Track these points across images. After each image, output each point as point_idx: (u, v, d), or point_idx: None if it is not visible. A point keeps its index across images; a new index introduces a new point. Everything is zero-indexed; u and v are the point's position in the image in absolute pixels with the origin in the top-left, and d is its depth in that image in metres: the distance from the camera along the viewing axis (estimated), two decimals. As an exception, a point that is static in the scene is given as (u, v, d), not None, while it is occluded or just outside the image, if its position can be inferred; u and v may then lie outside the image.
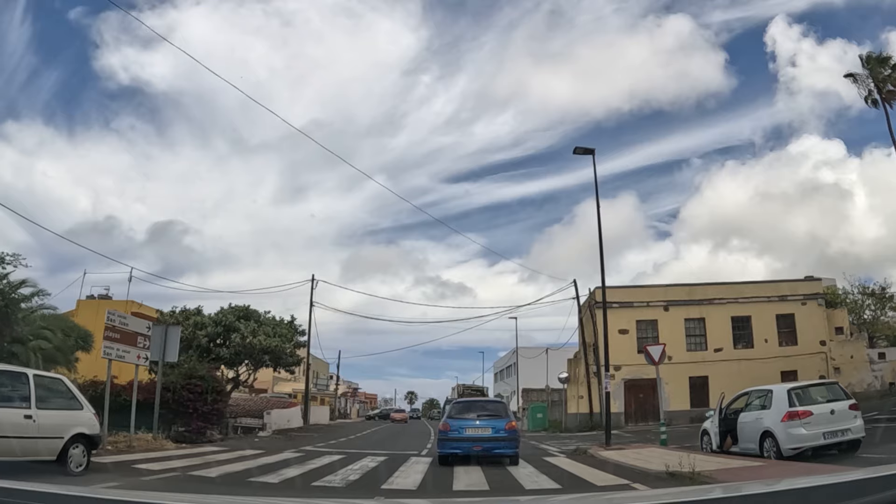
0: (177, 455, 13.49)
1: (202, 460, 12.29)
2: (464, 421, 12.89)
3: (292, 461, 12.67)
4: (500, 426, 12.79)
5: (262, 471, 10.67)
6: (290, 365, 27.19)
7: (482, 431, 12.65)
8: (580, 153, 18.83)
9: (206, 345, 25.55)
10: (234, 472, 10.50)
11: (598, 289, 33.43)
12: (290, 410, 30.67)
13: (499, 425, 12.80)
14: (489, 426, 12.76)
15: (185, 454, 13.99)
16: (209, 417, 21.85)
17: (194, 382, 21.84)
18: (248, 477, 9.76)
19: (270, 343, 24.54)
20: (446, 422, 13.08)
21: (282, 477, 9.87)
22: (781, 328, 33.75)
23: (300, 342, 27.84)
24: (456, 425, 12.74)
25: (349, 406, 71.17)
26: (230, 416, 28.15)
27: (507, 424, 12.96)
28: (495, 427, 12.75)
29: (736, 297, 33.69)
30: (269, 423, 27.71)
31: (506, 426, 12.87)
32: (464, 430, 12.61)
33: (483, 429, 12.71)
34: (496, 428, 12.74)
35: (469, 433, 12.56)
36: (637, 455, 13.53)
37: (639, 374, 31.09)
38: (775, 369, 32.34)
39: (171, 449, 15.53)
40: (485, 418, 13.04)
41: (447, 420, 13.19)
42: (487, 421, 12.93)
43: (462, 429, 12.64)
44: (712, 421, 14.10)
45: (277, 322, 26.71)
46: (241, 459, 13.04)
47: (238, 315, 26.67)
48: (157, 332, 16.89)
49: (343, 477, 10.21)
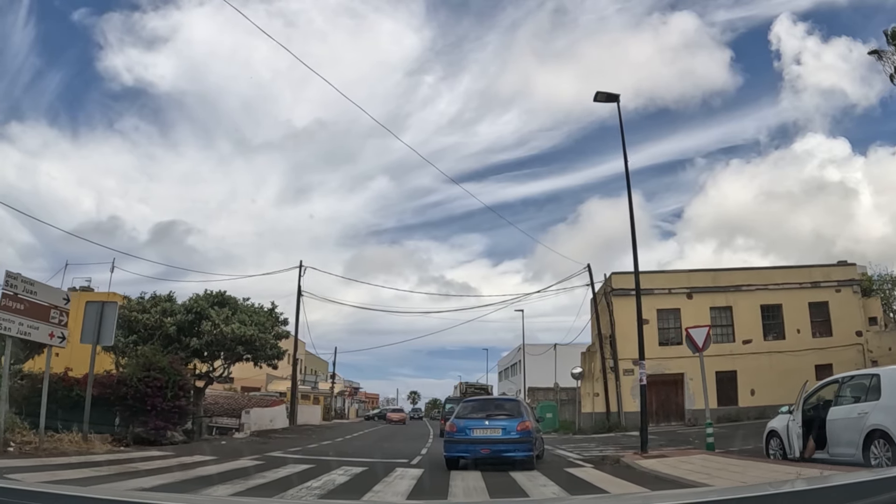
0: (91, 462, 10.55)
1: (118, 469, 9.47)
2: (471, 421, 11.96)
3: (238, 473, 9.71)
4: (511, 427, 11.56)
5: (187, 486, 7.70)
6: (270, 358, 24.12)
7: (491, 433, 11.53)
8: (602, 100, 15.81)
9: (175, 334, 22.54)
10: (138, 487, 7.45)
11: (615, 274, 30.41)
12: (274, 409, 27.70)
13: (510, 426, 11.59)
14: (499, 427, 11.60)
15: (108, 460, 11.08)
16: (170, 416, 18.89)
17: (153, 375, 18.90)
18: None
19: (245, 332, 21.49)
20: (453, 422, 12.22)
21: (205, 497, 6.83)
22: (815, 317, 30.73)
23: (283, 333, 24.77)
24: (463, 426, 11.84)
25: (347, 406, 68.15)
26: (205, 416, 25.25)
27: (520, 425, 11.65)
28: (506, 428, 11.55)
29: (765, 283, 30.62)
30: (247, 424, 24.74)
31: (518, 427, 11.59)
32: (471, 431, 11.69)
33: (492, 430, 11.55)
34: (507, 429, 11.55)
35: (477, 434, 11.60)
36: (689, 465, 10.49)
37: (660, 368, 28.03)
38: (809, 363, 29.44)
39: (98, 452, 12.73)
40: (495, 418, 11.92)
41: (454, 420, 12.30)
42: (497, 421, 11.78)
43: (469, 430, 11.71)
44: (792, 419, 10.84)
45: (255, 309, 23.69)
46: (175, 469, 10.07)
47: (212, 301, 23.66)
48: (92, 310, 13.97)
49: (294, 498, 7.25)
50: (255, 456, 13.23)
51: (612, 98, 15.71)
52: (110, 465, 10.33)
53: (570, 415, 32.45)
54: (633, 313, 29.57)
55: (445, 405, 32.16)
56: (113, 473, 8.95)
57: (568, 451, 16.64)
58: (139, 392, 18.59)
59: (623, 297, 28.87)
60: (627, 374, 27.77)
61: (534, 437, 11.95)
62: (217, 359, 24.02)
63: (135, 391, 18.59)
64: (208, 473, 9.49)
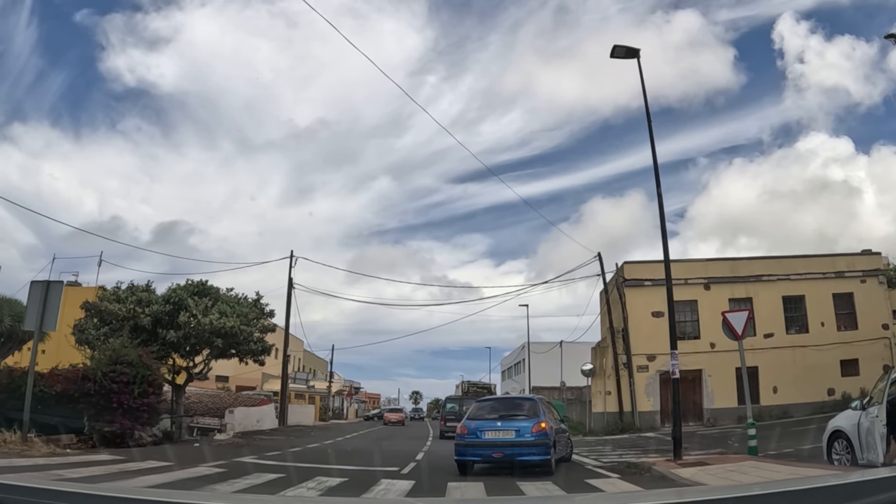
0: (9, 466, 8.65)
1: (34, 476, 7.42)
2: (483, 422, 11.26)
3: (183, 485, 7.82)
4: (526, 428, 10.76)
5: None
6: (256, 354, 22.19)
7: (504, 435, 10.85)
8: (620, 56, 13.88)
9: (151, 326, 20.65)
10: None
11: (627, 264, 28.45)
12: (261, 409, 25.81)
13: (525, 427, 10.79)
14: (513, 428, 10.88)
15: (33, 465, 9.29)
16: (138, 415, 17.03)
17: (120, 370, 17.06)
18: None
19: (225, 324, 19.56)
20: (464, 424, 11.53)
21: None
22: (839, 309, 28.78)
23: (269, 326, 22.83)
24: (474, 427, 11.14)
25: (346, 406, 66.27)
26: (187, 415, 23.38)
27: (536, 426, 10.77)
28: (520, 429, 10.78)
29: (787, 273, 28.65)
30: (231, 424, 22.87)
31: (533, 428, 10.72)
32: (483, 433, 10.99)
33: (505, 431, 10.86)
34: (521, 430, 10.76)
35: (489, 437, 10.92)
36: (743, 476, 8.56)
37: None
38: (834, 358, 27.66)
39: (32, 455, 11.17)
40: (508, 419, 11.21)
41: (465, 422, 11.62)
42: (511, 422, 11.07)
43: (481, 432, 11.02)
44: (871, 415, 8.60)
45: (238, 300, 21.77)
46: (102, 479, 8.14)
47: (192, 291, 21.77)
48: (36, 291, 12.13)
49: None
50: (218, 462, 11.32)
51: (632, 53, 13.76)
52: (30, 470, 8.47)
53: (577, 415, 30.54)
54: (647, 305, 27.88)
55: (446, 404, 30.22)
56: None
57: (584, 457, 14.71)
58: (104, 388, 16.79)
59: (636, 287, 26.96)
60: (642, 370, 25.83)
61: (552, 439, 10.87)
62: (198, 353, 22.15)
63: (100, 387, 16.80)
64: (144, 485, 7.59)
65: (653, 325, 26.38)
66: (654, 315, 26.53)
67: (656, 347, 26.16)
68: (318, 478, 9.09)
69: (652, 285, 26.94)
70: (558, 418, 13.82)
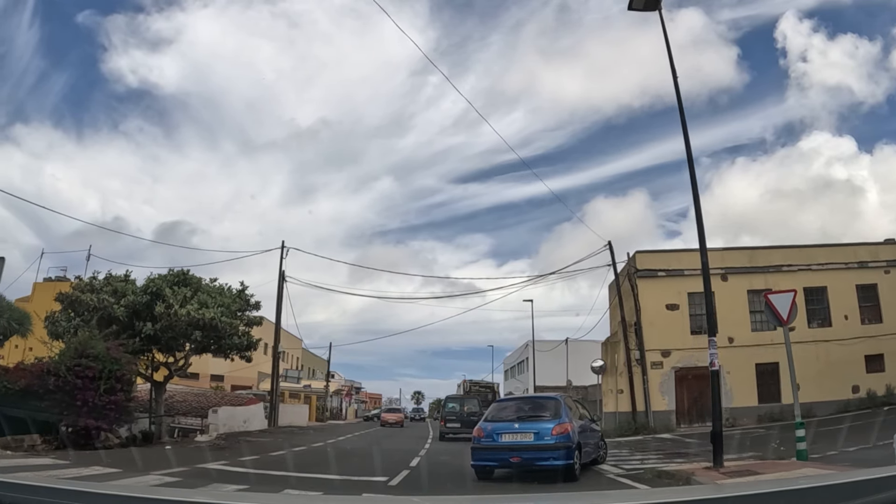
0: None
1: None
2: (500, 424, 10.54)
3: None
4: (545, 430, 9.97)
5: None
6: (241, 349, 20.54)
7: (522, 438, 10.10)
8: (637, 8, 12.23)
9: (126, 318, 19.05)
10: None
11: (640, 253, 26.73)
12: (249, 409, 24.16)
13: (544, 429, 10.00)
14: (531, 430, 10.12)
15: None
16: (105, 413, 15.48)
17: (85, 364, 15.51)
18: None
19: (205, 315, 17.91)
20: (481, 426, 10.82)
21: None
22: (863, 302, 27.09)
23: (254, 319, 21.18)
24: (491, 430, 10.43)
25: (345, 406, 64.62)
26: (167, 415, 21.79)
27: (557, 428, 9.96)
28: (539, 432, 10.01)
29: (808, 263, 26.91)
30: (214, 425, 21.24)
31: (553, 430, 9.92)
32: (499, 436, 10.27)
33: (523, 434, 10.09)
34: (541, 433, 9.98)
35: (505, 440, 10.19)
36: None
37: (693, 360, 24.40)
38: (858, 353, 26.01)
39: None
40: (527, 420, 10.49)
41: (482, 424, 10.91)
42: (529, 424, 10.34)
43: (497, 434, 10.29)
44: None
45: (220, 290, 20.12)
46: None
47: (172, 281, 20.16)
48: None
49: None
50: (178, 469, 9.70)
51: (652, 4, 12.10)
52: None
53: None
54: (661, 298, 26.15)
55: (446, 404, 28.43)
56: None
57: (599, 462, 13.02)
58: (68, 383, 15.26)
59: (649, 279, 25.28)
60: (656, 367, 24.14)
61: (575, 442, 9.95)
62: (180, 348, 20.54)
63: (63, 382, 15.27)
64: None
65: (667, 319, 24.74)
66: (668, 308, 24.89)
67: (671, 342, 24.52)
68: (287, 491, 7.47)
69: (666, 276, 25.33)
70: (589, 417, 12.71)
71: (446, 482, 9.54)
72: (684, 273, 25.43)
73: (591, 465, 11.43)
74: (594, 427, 12.58)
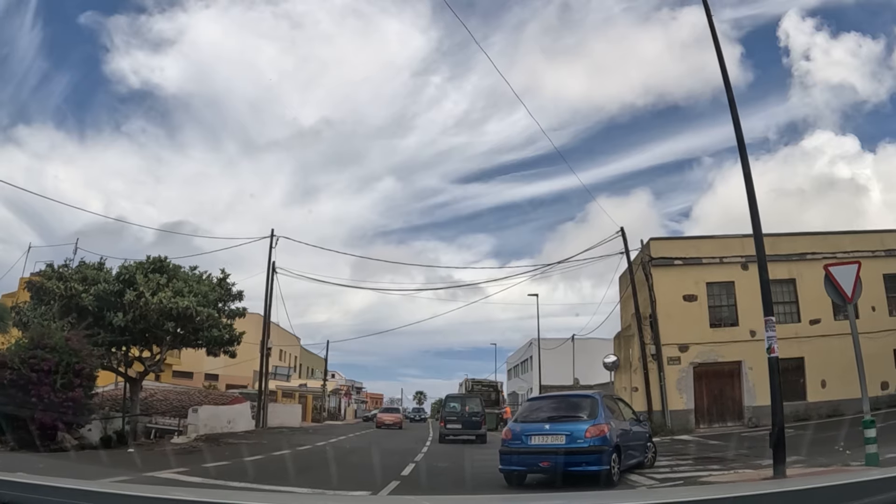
0: None
1: None
2: (530, 425, 9.86)
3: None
4: (578, 432, 9.14)
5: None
6: (222, 344, 18.83)
7: (553, 440, 9.28)
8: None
9: (96, 309, 17.37)
10: None
11: (654, 241, 24.94)
12: (234, 408, 22.44)
13: (578, 430, 9.17)
14: (563, 433, 9.28)
15: None
16: (63, 411, 13.79)
17: (41, 356, 13.86)
18: None
19: (179, 304, 16.21)
20: (509, 427, 10.21)
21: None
22: (890, 292, 25.44)
23: (237, 311, 19.46)
24: (519, 431, 9.74)
25: (343, 406, 62.91)
26: (144, 414, 20.11)
27: (591, 429, 9.14)
28: (572, 434, 9.17)
29: (833, 251, 25.08)
30: (194, 425, 19.52)
31: (588, 432, 9.11)
32: (529, 438, 9.55)
33: (554, 436, 9.32)
34: (573, 435, 9.14)
35: (535, 443, 9.45)
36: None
37: (712, 355, 22.70)
38: (887, 346, 24.34)
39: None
40: (559, 421, 9.70)
41: (511, 425, 10.37)
42: (561, 425, 9.53)
43: (526, 437, 9.58)
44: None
45: (197, 277, 18.42)
46: None
47: (147, 269, 18.48)
48: None
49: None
50: (122, 478, 8.01)
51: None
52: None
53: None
54: (677, 288, 24.32)
55: (447, 403, 26.53)
56: None
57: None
58: (23, 377, 13.61)
59: (664, 267, 23.52)
60: (673, 362, 22.38)
61: (613, 444, 9.08)
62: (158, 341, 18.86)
63: (17, 375, 13.62)
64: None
65: (684, 311, 22.99)
66: (685, 299, 23.13)
67: (689, 336, 22.76)
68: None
69: (683, 265, 23.57)
70: (634, 416, 11.75)
71: (443, 493, 7.89)
72: (702, 261, 23.72)
73: (636, 468, 10.46)
74: (640, 427, 11.49)
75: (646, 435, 11.80)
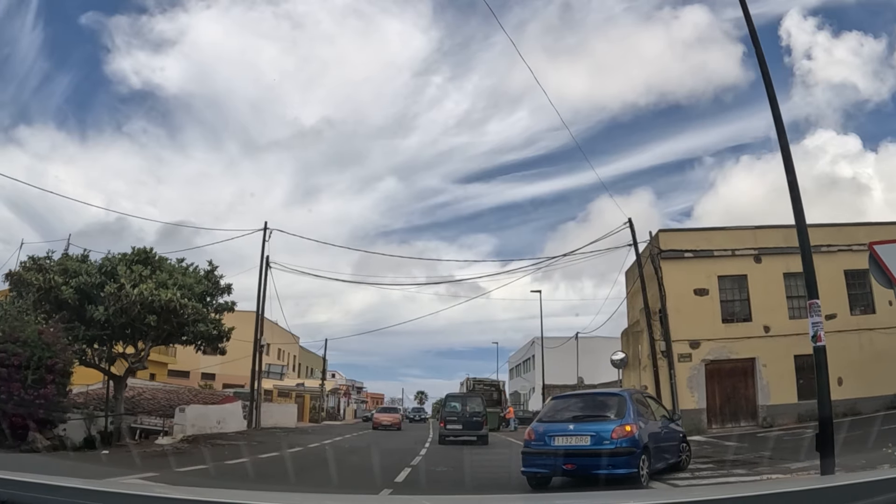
0: None
1: None
2: (553, 425, 9.27)
3: None
4: (604, 433, 8.55)
5: None
6: (210, 339, 17.87)
7: (577, 441, 8.69)
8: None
9: (76, 302, 16.43)
10: None
11: (663, 232, 23.95)
12: (224, 408, 21.46)
13: (603, 431, 8.58)
14: (587, 433, 8.69)
15: None
16: (34, 409, 12.84)
17: (12, 350, 12.91)
18: None
19: (161, 297, 15.25)
20: (532, 427, 9.59)
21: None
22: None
23: (225, 305, 18.49)
24: (543, 432, 9.15)
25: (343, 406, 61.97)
26: (129, 413, 19.16)
27: (618, 430, 8.54)
28: (597, 434, 8.58)
29: (849, 243, 24.11)
30: (181, 425, 18.56)
31: (614, 432, 8.52)
32: (552, 438, 8.94)
33: (578, 437, 8.62)
34: (599, 435, 8.56)
35: (559, 443, 8.81)
36: None
37: (725, 352, 21.72)
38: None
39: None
40: (584, 421, 9.09)
41: (534, 425, 9.69)
42: (587, 424, 8.94)
43: (550, 437, 8.97)
44: None
45: (183, 269, 17.46)
46: None
47: (131, 260, 17.53)
48: None
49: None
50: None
51: None
52: None
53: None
54: (688, 282, 23.30)
55: (447, 403, 25.47)
56: None
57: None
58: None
59: (674, 260, 22.52)
60: (683, 359, 21.39)
61: (641, 446, 8.61)
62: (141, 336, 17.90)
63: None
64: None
65: (695, 306, 21.99)
66: (696, 293, 22.14)
67: (700, 332, 21.77)
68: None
69: (693, 257, 22.57)
70: (664, 415, 11.04)
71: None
72: (714, 254, 22.72)
73: (669, 471, 9.89)
74: (673, 427, 10.87)
75: (679, 435, 11.21)
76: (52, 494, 1.72)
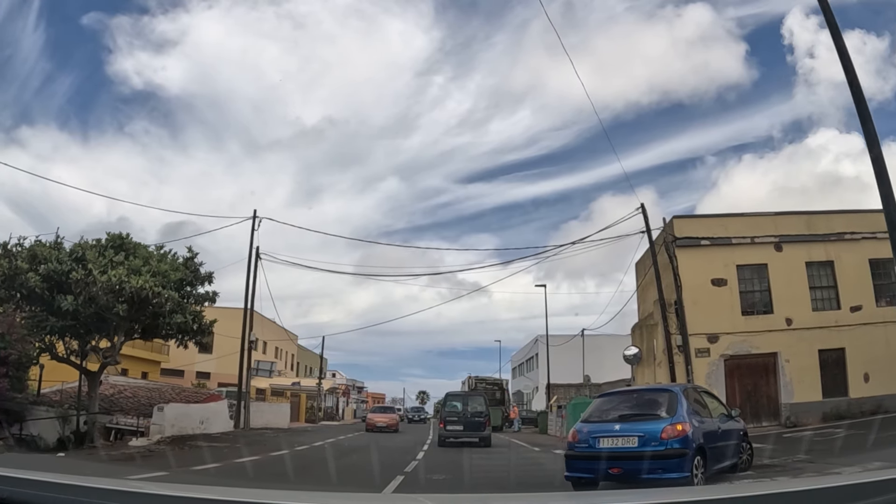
0: None
1: None
2: (598, 425, 8.46)
3: None
4: (653, 433, 7.65)
5: None
6: (189, 332, 16.44)
7: (623, 443, 7.83)
8: None
9: (46, 291, 15.02)
10: None
11: (678, 219, 22.47)
12: (208, 407, 20.02)
13: (652, 431, 7.69)
14: (635, 434, 7.82)
15: None
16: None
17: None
18: None
19: (131, 284, 13.85)
20: (576, 428, 8.74)
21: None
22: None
23: (205, 295, 17.07)
24: (587, 433, 8.39)
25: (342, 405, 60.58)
26: (104, 412, 17.77)
27: (668, 430, 7.60)
28: (646, 435, 7.71)
29: (873, 231, 22.62)
30: (160, 425, 17.15)
31: (664, 433, 7.57)
32: (597, 440, 8.17)
33: (625, 438, 7.91)
34: (647, 436, 7.66)
35: (604, 446, 8.00)
36: None
37: (745, 346, 20.31)
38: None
39: None
40: (631, 420, 8.19)
41: (578, 426, 8.79)
42: (634, 424, 8.06)
43: (594, 439, 8.21)
44: None
45: (159, 256, 16.06)
46: None
47: (104, 246, 16.15)
48: None
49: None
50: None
51: None
52: None
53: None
54: (704, 272, 21.79)
55: (447, 402, 23.84)
56: None
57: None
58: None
59: (689, 248, 21.11)
60: (701, 354, 19.97)
61: (695, 446, 7.78)
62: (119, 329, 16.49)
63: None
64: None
65: (713, 297, 20.58)
66: (714, 283, 20.71)
67: (719, 325, 20.36)
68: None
69: (710, 245, 21.16)
70: (722, 412, 10.07)
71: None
72: (732, 241, 21.29)
73: (728, 472, 9.10)
74: (732, 425, 9.90)
75: (739, 433, 10.19)
76: (53, 492, 1.70)
